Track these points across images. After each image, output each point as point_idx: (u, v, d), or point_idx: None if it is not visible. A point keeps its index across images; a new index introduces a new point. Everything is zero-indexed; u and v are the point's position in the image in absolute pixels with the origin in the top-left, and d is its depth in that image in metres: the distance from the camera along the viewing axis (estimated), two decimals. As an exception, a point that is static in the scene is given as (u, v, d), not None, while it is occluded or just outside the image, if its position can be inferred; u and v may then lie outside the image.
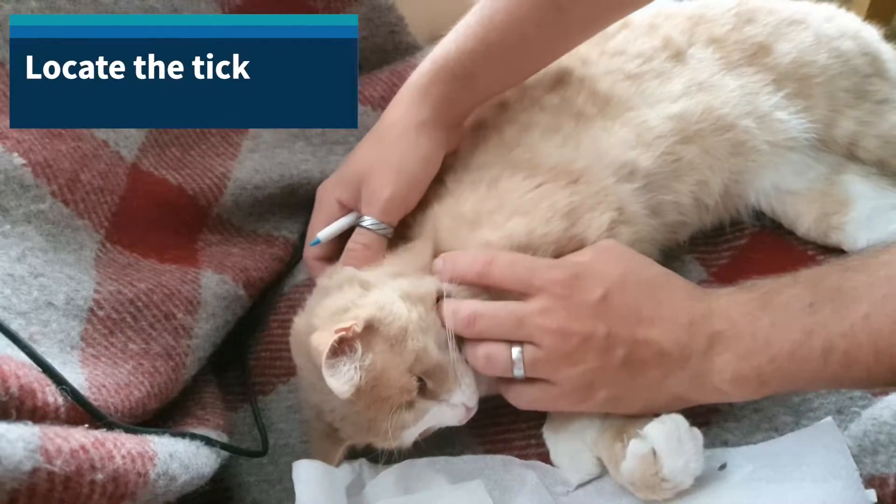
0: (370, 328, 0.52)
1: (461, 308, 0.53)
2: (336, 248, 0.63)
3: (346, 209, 0.63)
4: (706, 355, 0.48)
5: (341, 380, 0.50)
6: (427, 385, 0.53)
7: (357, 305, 0.53)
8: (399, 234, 0.61)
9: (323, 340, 0.50)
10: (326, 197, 0.64)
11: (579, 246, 0.56)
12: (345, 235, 0.62)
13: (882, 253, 0.45)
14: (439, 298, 0.55)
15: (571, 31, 0.61)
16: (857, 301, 0.43)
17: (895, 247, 0.45)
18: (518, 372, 0.52)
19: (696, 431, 0.50)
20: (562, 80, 0.65)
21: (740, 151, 0.64)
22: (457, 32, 0.60)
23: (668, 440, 0.49)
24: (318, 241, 0.62)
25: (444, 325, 0.53)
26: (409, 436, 0.54)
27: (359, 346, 0.51)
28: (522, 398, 0.54)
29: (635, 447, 0.49)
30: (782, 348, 0.46)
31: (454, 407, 0.54)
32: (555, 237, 0.56)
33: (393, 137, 0.60)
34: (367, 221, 0.59)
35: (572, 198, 0.57)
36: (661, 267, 0.55)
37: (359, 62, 0.82)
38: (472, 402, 0.54)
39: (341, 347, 0.51)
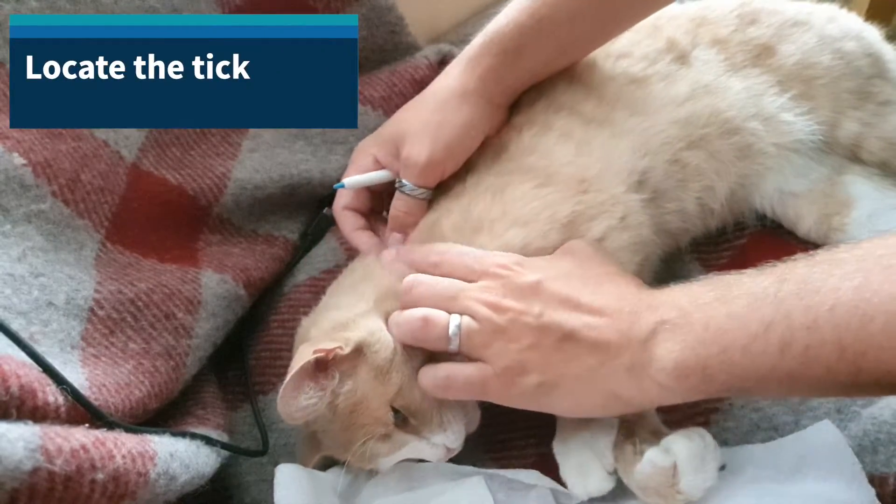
0: (359, 351, 0.52)
1: (407, 278, 0.54)
2: (366, 202, 0.65)
3: (380, 167, 0.63)
4: (647, 343, 0.45)
5: (292, 406, 0.50)
6: (409, 420, 0.52)
7: (354, 324, 0.53)
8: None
9: (302, 357, 0.50)
10: (362, 152, 0.64)
11: None
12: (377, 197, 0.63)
13: (854, 248, 0.42)
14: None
15: (620, 14, 0.62)
16: (822, 293, 0.40)
17: (870, 240, 0.42)
18: (454, 342, 0.50)
19: (718, 450, 0.49)
20: (573, 82, 0.65)
21: (747, 154, 0.63)
22: (510, 7, 0.61)
23: (692, 458, 0.48)
24: (342, 185, 0.63)
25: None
26: (384, 464, 0.54)
27: (337, 374, 0.51)
28: (455, 378, 0.51)
29: (656, 458, 0.48)
30: (736, 339, 0.42)
31: (435, 446, 0.53)
32: (550, 250, 0.55)
33: (436, 103, 0.61)
34: (407, 186, 0.60)
35: (576, 207, 0.57)
36: (618, 267, 0.53)
37: (359, 62, 0.82)
38: (456, 445, 0.53)
39: (318, 369, 0.51)
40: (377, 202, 0.65)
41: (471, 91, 0.60)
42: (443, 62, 0.84)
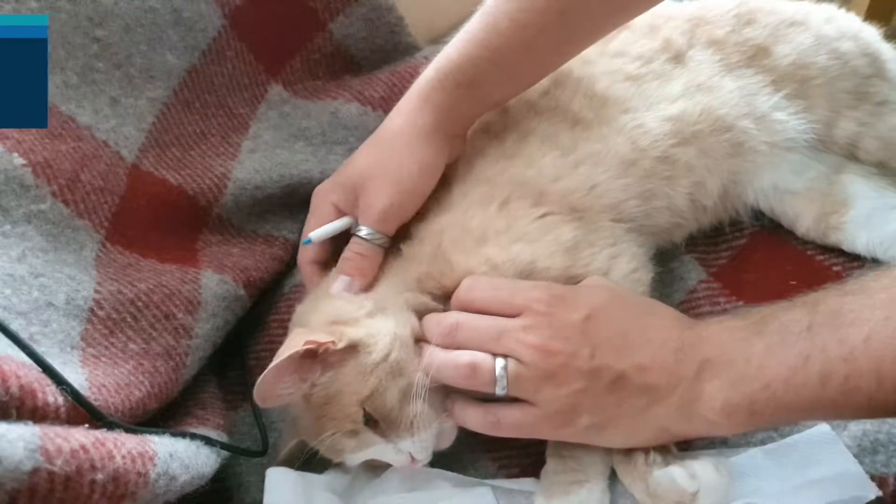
0: (352, 348, 0.52)
1: (444, 318, 0.53)
2: (330, 252, 0.62)
3: (341, 213, 0.62)
4: (695, 382, 0.47)
5: (269, 392, 0.51)
6: (378, 422, 0.52)
7: (356, 322, 0.54)
8: (402, 236, 0.60)
9: (292, 344, 0.50)
10: (322, 200, 0.63)
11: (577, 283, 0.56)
12: (340, 241, 0.61)
13: (882, 276, 0.43)
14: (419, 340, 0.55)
15: (575, 38, 0.60)
16: (856, 324, 0.41)
17: (892, 270, 0.44)
18: (501, 387, 0.50)
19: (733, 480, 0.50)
20: (558, 82, 0.65)
21: (739, 152, 0.64)
22: (459, 39, 0.59)
23: (715, 490, 0.49)
24: (309, 241, 0.61)
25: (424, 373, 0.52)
26: (350, 459, 0.54)
27: (320, 369, 0.52)
28: (504, 422, 0.51)
29: (681, 479, 0.49)
30: (777, 374, 0.44)
31: (400, 452, 0.53)
32: (554, 274, 0.55)
33: (392, 145, 0.59)
34: (364, 231, 0.58)
35: (575, 232, 0.57)
36: (647, 297, 0.54)
37: (359, 62, 0.83)
38: (421, 456, 0.53)
39: (305, 358, 0.51)
40: (337, 248, 0.63)
41: (426, 129, 0.59)
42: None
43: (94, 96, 0.59)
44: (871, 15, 0.70)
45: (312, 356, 0.52)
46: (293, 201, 0.73)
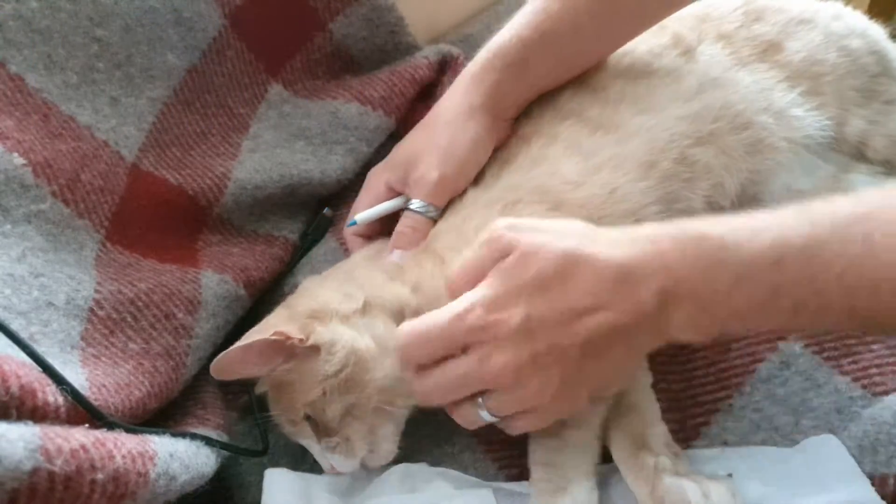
0: (315, 348, 0.53)
1: (414, 388, 0.51)
2: (376, 229, 0.65)
3: (393, 193, 0.64)
4: (661, 314, 0.45)
5: (227, 369, 0.53)
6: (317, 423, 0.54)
7: (331, 320, 0.54)
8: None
9: (263, 329, 0.52)
10: (376, 179, 0.65)
11: None
12: (389, 219, 0.63)
13: (854, 205, 0.43)
14: None
15: (623, 25, 0.62)
16: (829, 261, 0.41)
17: (866, 198, 0.43)
18: (493, 419, 0.50)
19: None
20: (579, 85, 0.65)
21: (758, 150, 0.63)
22: (513, 22, 0.61)
23: None
24: (354, 223, 0.64)
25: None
26: (288, 436, 0.57)
27: (283, 358, 0.54)
28: (515, 430, 0.51)
29: (694, 496, 0.48)
30: (748, 304, 0.44)
31: (324, 458, 0.55)
32: None
33: (443, 122, 0.62)
34: (415, 204, 0.60)
35: None
36: (559, 246, 0.48)
37: (359, 62, 0.83)
38: (343, 470, 0.55)
39: (272, 348, 0.53)
40: (386, 227, 0.65)
41: (477, 108, 0.61)
42: (443, 62, 0.84)
43: (95, 96, 0.59)
44: (872, 14, 0.70)
45: (280, 345, 0.53)
46: (293, 201, 0.73)
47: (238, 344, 0.52)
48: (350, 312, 0.55)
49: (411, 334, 0.50)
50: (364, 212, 0.64)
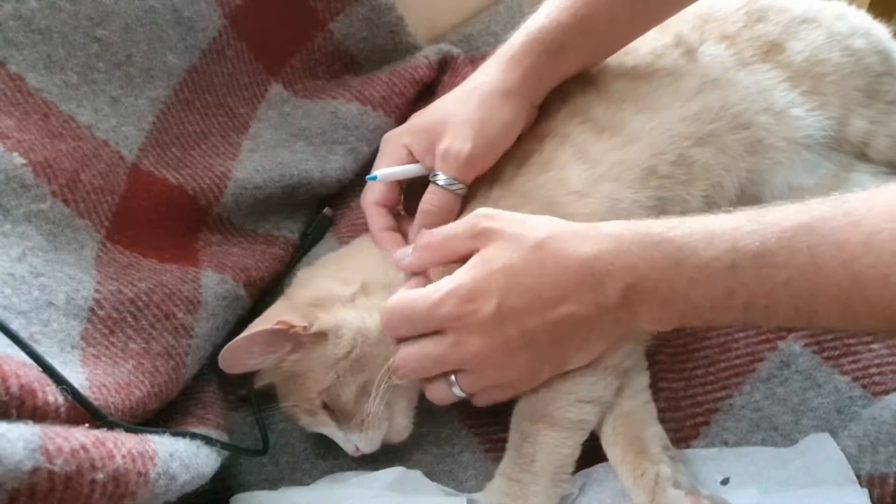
0: (320, 335, 0.54)
1: (392, 362, 0.54)
2: (397, 197, 0.63)
3: (412, 159, 0.62)
4: (624, 307, 0.49)
5: (234, 361, 0.54)
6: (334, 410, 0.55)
7: (333, 305, 0.55)
8: None
9: (266, 320, 0.53)
10: (394, 142, 0.63)
11: None
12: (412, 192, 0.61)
13: (801, 213, 0.45)
14: None
15: (653, 11, 0.63)
16: (778, 268, 0.44)
17: (813, 208, 0.45)
18: (463, 395, 0.53)
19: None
20: (585, 84, 0.65)
21: (757, 149, 0.63)
22: (548, 6, 0.61)
23: None
24: (374, 178, 0.61)
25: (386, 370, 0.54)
26: (306, 427, 0.57)
27: (290, 346, 0.54)
28: (481, 402, 0.55)
29: None
30: (703, 302, 0.47)
31: (348, 441, 0.56)
32: None
33: (478, 98, 0.60)
34: (443, 180, 0.58)
35: None
36: (531, 237, 0.50)
37: (359, 62, 0.83)
38: (367, 450, 0.56)
39: (276, 335, 0.53)
40: (406, 200, 0.64)
41: (514, 90, 0.60)
42: (443, 62, 0.84)
43: (95, 96, 0.59)
44: (873, 13, 0.69)
45: (283, 334, 0.53)
46: (293, 201, 0.73)
47: (242, 335, 0.53)
48: (350, 295, 0.56)
49: (394, 310, 0.52)
50: (385, 169, 0.60)
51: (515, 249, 0.50)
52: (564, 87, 0.65)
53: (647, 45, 0.66)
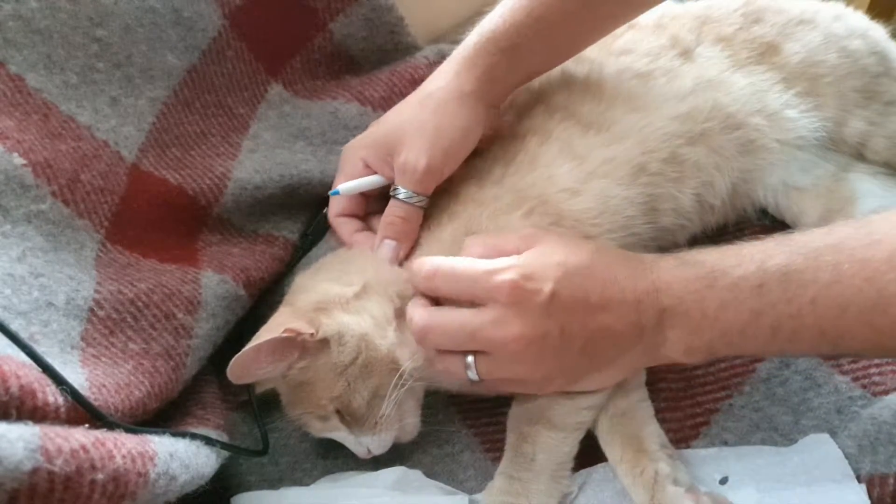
0: (325, 341, 0.53)
1: (414, 318, 0.53)
2: (360, 206, 0.63)
3: (369, 170, 0.62)
4: (657, 330, 0.49)
5: (243, 372, 0.53)
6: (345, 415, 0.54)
7: (342, 306, 0.55)
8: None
9: (272, 328, 0.52)
10: (351, 155, 0.63)
11: None
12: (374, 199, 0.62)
13: (828, 234, 0.46)
14: None
15: (614, 11, 0.62)
16: (804, 286, 0.45)
17: (837, 230, 0.46)
18: (476, 379, 0.52)
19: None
20: (571, 82, 0.65)
21: (749, 150, 0.63)
22: (503, 6, 0.60)
23: None
24: (336, 192, 0.61)
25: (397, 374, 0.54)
26: (316, 433, 0.57)
27: (297, 353, 0.54)
28: (489, 392, 0.55)
29: None
30: (732, 326, 0.47)
31: (360, 444, 0.55)
32: None
33: (433, 105, 0.59)
34: (403, 194, 0.58)
35: None
36: (590, 244, 0.54)
37: (359, 62, 0.83)
38: (379, 451, 0.56)
39: (283, 343, 0.53)
40: (372, 205, 0.64)
41: (468, 93, 0.59)
42: (442, 62, 0.84)
43: (94, 96, 0.58)
44: (872, 14, 0.69)
45: (291, 342, 0.53)
46: (293, 201, 0.73)
47: (249, 345, 0.52)
48: (350, 297, 0.56)
49: (438, 267, 0.52)
50: (346, 183, 0.61)
51: (571, 250, 0.51)
52: (543, 87, 0.65)
53: (643, 46, 0.66)
